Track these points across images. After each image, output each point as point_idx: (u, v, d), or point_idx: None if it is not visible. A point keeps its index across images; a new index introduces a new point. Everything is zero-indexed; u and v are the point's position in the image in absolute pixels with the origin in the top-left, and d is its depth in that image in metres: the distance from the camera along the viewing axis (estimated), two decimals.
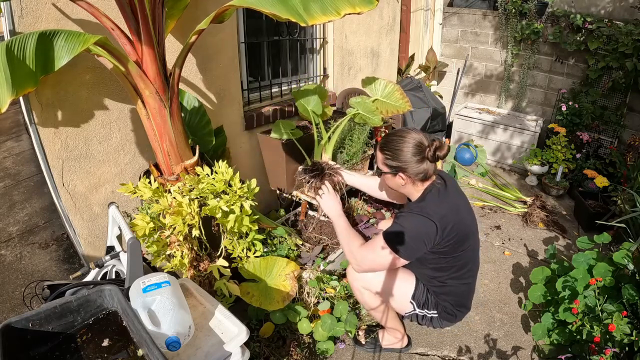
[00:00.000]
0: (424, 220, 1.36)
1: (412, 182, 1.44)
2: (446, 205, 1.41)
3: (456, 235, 1.39)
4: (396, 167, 1.42)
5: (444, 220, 1.36)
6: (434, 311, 1.57)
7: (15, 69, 1.12)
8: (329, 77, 3.12)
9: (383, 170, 1.47)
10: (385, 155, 1.44)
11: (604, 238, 1.92)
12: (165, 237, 1.50)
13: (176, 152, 1.65)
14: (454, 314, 1.58)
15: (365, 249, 1.45)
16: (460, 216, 1.44)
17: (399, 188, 1.49)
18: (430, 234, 1.36)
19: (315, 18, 1.28)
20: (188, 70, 2.05)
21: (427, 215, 1.36)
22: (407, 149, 1.38)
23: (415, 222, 1.37)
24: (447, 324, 1.64)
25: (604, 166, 3.34)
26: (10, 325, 0.92)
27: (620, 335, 1.43)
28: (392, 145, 1.41)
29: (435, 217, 1.35)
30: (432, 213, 1.36)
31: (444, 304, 1.55)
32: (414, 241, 1.38)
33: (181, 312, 1.03)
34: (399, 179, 1.44)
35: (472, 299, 1.63)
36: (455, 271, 1.50)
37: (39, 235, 2.08)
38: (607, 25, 3.33)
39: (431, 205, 1.39)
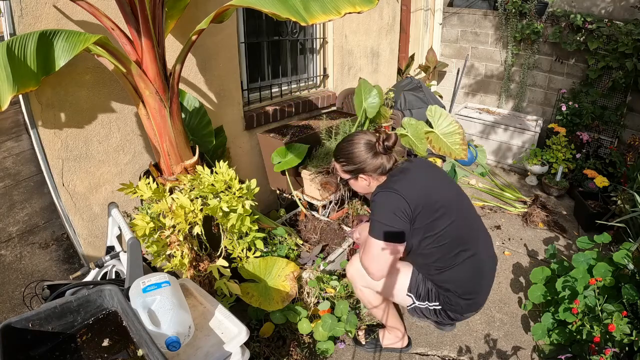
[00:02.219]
0: (387, 194, 1.37)
1: (375, 179, 1.47)
2: (409, 178, 1.41)
3: (429, 207, 1.37)
4: (354, 169, 1.46)
5: (407, 191, 1.36)
6: (435, 303, 1.51)
7: (16, 67, 1.12)
8: (329, 77, 3.12)
9: (345, 178, 1.51)
10: (341, 164, 1.49)
11: (604, 238, 1.92)
12: (165, 237, 1.50)
13: (176, 152, 1.65)
14: (459, 305, 1.48)
15: (364, 256, 1.45)
16: (430, 189, 1.41)
17: (366, 189, 1.52)
18: (399, 205, 1.35)
19: (316, 17, 1.28)
20: (188, 70, 2.05)
21: (388, 189, 1.37)
22: (359, 150, 1.43)
23: (380, 201, 1.38)
24: (456, 317, 1.53)
25: (604, 166, 3.34)
26: (10, 325, 0.92)
27: (620, 335, 1.43)
28: (344, 151, 1.47)
29: (397, 188, 1.36)
30: (393, 186, 1.37)
31: (446, 294, 1.47)
32: (389, 219, 1.36)
33: (181, 312, 1.03)
34: (362, 181, 1.48)
35: (481, 287, 1.50)
36: (446, 253, 1.42)
37: (39, 235, 2.07)
38: (607, 25, 3.33)
39: (390, 182, 1.42)
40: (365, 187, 1.51)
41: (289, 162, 2.22)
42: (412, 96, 3.43)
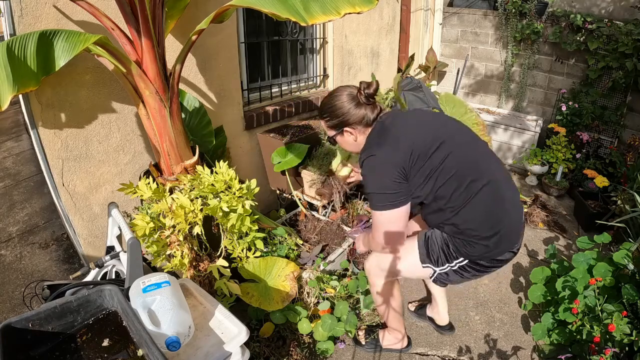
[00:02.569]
0: (372, 161, 1.31)
1: (361, 133, 1.41)
2: (393, 132, 1.33)
3: (422, 149, 1.27)
4: (339, 123, 1.40)
5: (392, 147, 1.30)
6: (458, 259, 1.37)
7: (16, 67, 1.12)
8: (329, 77, 3.12)
9: (331, 135, 1.47)
10: (325, 120, 1.44)
11: (604, 238, 1.92)
12: (165, 237, 1.50)
13: (176, 152, 1.65)
14: (487, 246, 1.30)
15: (374, 235, 1.40)
16: (419, 132, 1.33)
17: (355, 146, 1.45)
18: (387, 167, 1.28)
19: (315, 17, 1.29)
20: (188, 70, 2.05)
21: (371, 155, 1.31)
22: (341, 102, 1.38)
23: (368, 170, 1.32)
24: (492, 263, 1.36)
25: (604, 166, 3.34)
26: (10, 325, 0.92)
27: (620, 335, 1.43)
28: (327, 107, 1.42)
29: (380, 151, 1.30)
30: (375, 150, 1.31)
31: (469, 240, 1.31)
32: (382, 186, 1.29)
33: (181, 312, 1.03)
34: (348, 135, 1.42)
35: (506, 212, 1.32)
36: (457, 188, 1.28)
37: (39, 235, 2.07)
38: (607, 25, 3.33)
39: (373, 144, 1.35)
40: (353, 143, 1.44)
41: (289, 162, 2.22)
42: (412, 96, 3.43)
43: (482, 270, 1.39)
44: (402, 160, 1.28)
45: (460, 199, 1.28)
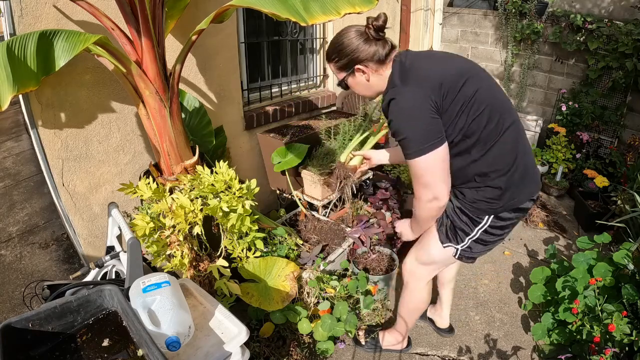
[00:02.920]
0: (400, 95, 1.18)
1: (374, 71, 1.29)
2: (415, 67, 1.24)
3: (451, 82, 1.19)
4: (348, 62, 1.28)
5: (421, 79, 1.20)
6: (481, 223, 1.34)
7: (16, 67, 1.12)
8: (328, 77, 3.12)
9: (341, 78, 1.35)
10: (334, 61, 1.32)
11: (604, 238, 1.92)
12: (165, 237, 1.50)
13: (176, 152, 1.65)
14: (507, 188, 1.27)
15: (418, 188, 1.26)
16: (444, 66, 1.25)
17: (369, 89, 1.34)
18: (419, 99, 1.17)
19: (315, 17, 1.29)
20: (188, 70, 2.05)
21: (398, 90, 1.20)
22: (349, 39, 1.27)
23: (399, 107, 1.18)
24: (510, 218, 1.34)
25: (604, 166, 3.34)
26: (10, 325, 0.92)
27: (620, 335, 1.43)
28: (335, 46, 1.30)
29: (407, 83, 1.20)
30: (400, 83, 1.21)
31: (493, 188, 1.27)
32: (419, 123, 1.17)
33: (181, 312, 1.03)
34: (360, 75, 1.30)
35: (527, 162, 1.30)
36: (487, 123, 1.22)
37: (39, 235, 2.07)
38: (607, 25, 3.33)
39: (395, 81, 1.24)
40: (366, 84, 1.32)
41: (289, 162, 2.22)
42: None
43: (504, 227, 1.36)
44: (434, 94, 1.17)
45: (491, 136, 1.23)
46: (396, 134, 1.20)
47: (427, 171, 1.20)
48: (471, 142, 1.23)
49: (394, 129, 1.20)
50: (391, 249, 2.22)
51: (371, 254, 2.17)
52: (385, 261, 2.16)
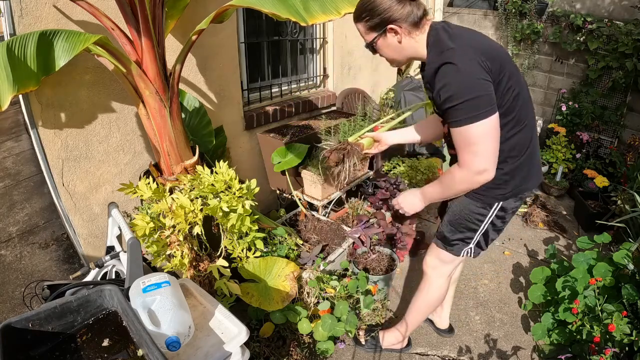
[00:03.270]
0: (456, 55, 1.10)
1: (408, 33, 1.20)
2: (461, 31, 1.20)
3: (494, 58, 1.15)
4: (380, 21, 1.18)
5: (473, 42, 1.15)
6: (489, 213, 1.35)
7: (16, 67, 1.12)
8: (329, 77, 3.12)
9: (371, 40, 1.23)
10: (364, 20, 1.21)
11: (604, 238, 1.92)
12: (165, 237, 1.50)
13: (176, 152, 1.65)
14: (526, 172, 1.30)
15: (467, 157, 1.16)
16: (484, 38, 1.22)
17: (399, 52, 1.24)
18: (476, 63, 1.10)
19: (315, 17, 1.29)
20: (188, 70, 2.05)
21: (451, 55, 1.11)
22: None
23: (455, 68, 1.09)
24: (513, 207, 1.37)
25: (604, 166, 3.34)
26: (10, 325, 0.92)
27: (620, 335, 1.43)
28: (365, 5, 1.20)
29: (461, 43, 1.13)
30: (452, 44, 1.13)
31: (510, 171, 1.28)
32: (476, 86, 1.09)
33: (181, 312, 1.03)
34: (392, 36, 1.20)
35: (537, 150, 1.34)
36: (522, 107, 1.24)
37: (39, 235, 2.07)
38: (607, 25, 3.33)
39: (443, 42, 1.15)
40: (397, 47, 1.22)
41: (289, 162, 2.22)
42: (412, 96, 3.43)
43: (505, 218, 1.40)
44: (489, 62, 1.12)
45: (522, 119, 1.23)
46: (450, 100, 1.10)
47: (482, 139, 1.12)
48: (506, 120, 1.21)
49: (448, 93, 1.10)
50: (391, 249, 2.22)
51: (371, 254, 2.17)
52: (385, 261, 2.16)
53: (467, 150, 1.16)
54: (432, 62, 1.17)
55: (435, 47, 1.18)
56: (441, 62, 1.11)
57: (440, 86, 1.12)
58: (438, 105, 1.17)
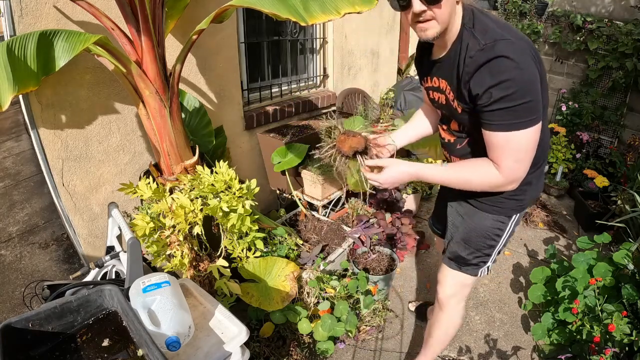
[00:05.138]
0: (513, 46, 0.93)
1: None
2: (503, 23, 1.02)
3: (539, 58, 1.02)
4: None
5: (522, 36, 0.99)
6: (508, 227, 1.26)
7: (17, 67, 1.12)
8: (329, 77, 3.12)
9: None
10: None
11: (604, 238, 1.92)
12: (165, 237, 1.50)
13: (176, 152, 1.65)
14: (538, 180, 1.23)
15: (507, 165, 1.02)
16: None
17: (451, 14, 0.99)
18: (531, 61, 0.95)
19: (315, 17, 1.29)
20: (188, 70, 2.05)
21: (504, 36, 0.94)
22: None
23: (513, 62, 0.92)
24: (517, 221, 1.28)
25: (604, 166, 3.34)
26: (10, 325, 0.92)
27: (620, 335, 1.43)
28: None
29: (515, 34, 0.97)
30: (506, 33, 0.96)
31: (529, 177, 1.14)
32: (532, 87, 0.95)
33: (181, 312, 1.03)
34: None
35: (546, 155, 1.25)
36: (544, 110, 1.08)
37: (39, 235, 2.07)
38: (607, 25, 3.33)
39: (487, 27, 0.98)
40: (451, 9, 0.99)
41: (289, 162, 2.22)
42: (412, 96, 3.43)
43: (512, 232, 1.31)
44: (538, 59, 0.99)
45: (544, 125, 1.10)
46: (505, 99, 0.93)
47: (531, 146, 1.00)
48: None
49: (506, 92, 0.93)
50: (391, 249, 2.22)
51: (371, 254, 2.17)
52: (385, 261, 2.16)
53: (512, 158, 1.01)
54: (474, 50, 0.97)
55: (480, 32, 0.98)
56: (495, 54, 0.92)
57: (494, 82, 0.93)
58: (480, 103, 0.98)
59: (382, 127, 1.53)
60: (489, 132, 1.01)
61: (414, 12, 0.97)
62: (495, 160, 1.04)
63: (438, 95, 1.20)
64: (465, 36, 1.01)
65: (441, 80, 1.14)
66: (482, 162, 1.08)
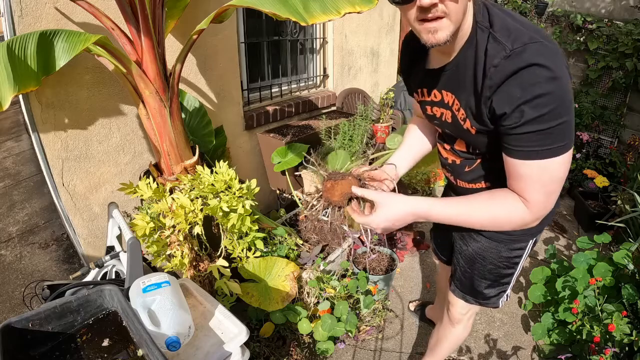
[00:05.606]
0: (550, 52, 0.74)
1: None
2: (524, 19, 0.84)
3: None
4: None
5: (548, 36, 0.80)
6: (523, 252, 1.15)
7: (17, 67, 1.12)
8: (329, 77, 3.12)
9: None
10: None
11: (604, 238, 1.92)
12: (165, 237, 1.50)
13: (176, 152, 1.65)
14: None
15: (539, 199, 0.82)
16: None
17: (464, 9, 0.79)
18: (567, 73, 0.76)
19: (315, 17, 1.29)
20: (188, 70, 2.05)
21: (549, 56, 0.74)
22: None
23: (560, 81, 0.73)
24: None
25: (604, 166, 3.34)
26: (10, 325, 0.92)
27: (620, 335, 1.43)
28: None
29: (549, 40, 0.78)
30: (537, 35, 0.76)
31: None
32: (570, 105, 0.76)
33: (181, 312, 1.03)
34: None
35: None
36: None
37: (39, 235, 2.07)
38: (607, 25, 3.33)
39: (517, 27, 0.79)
40: (464, 8, 0.79)
41: (289, 162, 2.22)
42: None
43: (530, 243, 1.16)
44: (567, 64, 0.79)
45: None
46: (539, 120, 0.74)
47: (562, 175, 0.81)
48: None
49: (541, 110, 0.74)
50: (391, 249, 2.22)
51: (371, 254, 2.17)
52: (385, 261, 2.16)
53: (543, 190, 0.82)
54: (498, 57, 0.77)
55: (502, 32, 0.79)
56: (527, 62, 0.73)
57: (527, 98, 0.74)
58: (507, 124, 0.78)
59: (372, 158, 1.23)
60: (515, 160, 0.81)
61: (420, 6, 0.73)
62: (522, 193, 0.83)
63: (441, 111, 0.99)
64: (480, 38, 0.81)
65: (446, 93, 0.94)
66: (506, 196, 0.85)
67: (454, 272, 1.29)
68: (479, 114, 0.85)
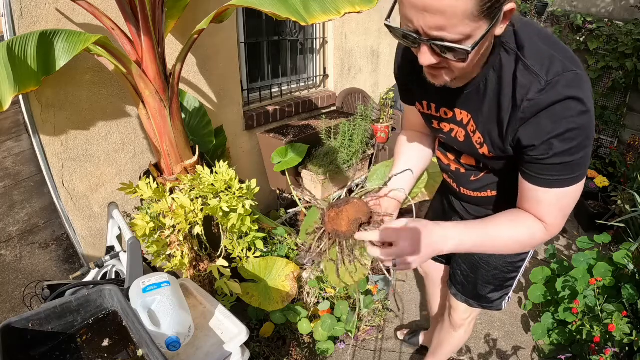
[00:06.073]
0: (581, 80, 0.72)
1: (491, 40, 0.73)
2: (549, 34, 0.79)
3: None
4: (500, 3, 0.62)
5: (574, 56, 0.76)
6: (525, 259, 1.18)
7: (17, 67, 1.12)
8: (329, 77, 3.12)
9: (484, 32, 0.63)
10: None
11: (604, 238, 1.93)
12: (166, 237, 1.50)
13: (176, 152, 1.65)
14: None
15: (557, 223, 0.84)
16: None
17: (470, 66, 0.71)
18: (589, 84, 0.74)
19: (315, 17, 1.29)
20: (188, 70, 2.05)
21: (583, 89, 0.71)
22: None
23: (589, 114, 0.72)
24: None
25: (604, 166, 3.35)
26: (10, 325, 0.92)
27: (620, 335, 1.43)
28: None
29: (580, 66, 0.74)
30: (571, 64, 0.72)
31: None
32: (592, 132, 0.75)
33: (181, 312, 1.03)
34: (500, 29, 0.68)
35: None
36: None
37: (39, 235, 2.07)
38: (607, 25, 3.33)
39: (547, 50, 0.74)
40: (479, 59, 0.74)
41: (289, 162, 2.22)
42: None
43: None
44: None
45: None
46: (569, 152, 0.73)
47: (578, 198, 0.83)
48: None
49: (572, 143, 0.72)
50: None
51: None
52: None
53: (562, 213, 0.83)
54: (533, 91, 0.72)
55: (534, 59, 0.73)
56: (562, 95, 0.70)
57: (558, 132, 0.72)
58: (532, 155, 0.76)
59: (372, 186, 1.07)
60: (536, 187, 0.80)
61: (421, 64, 0.70)
62: (541, 216, 0.84)
63: (450, 127, 0.93)
64: (506, 62, 0.76)
65: (461, 112, 0.88)
66: (526, 218, 0.85)
67: (454, 275, 1.29)
68: (500, 142, 0.82)
